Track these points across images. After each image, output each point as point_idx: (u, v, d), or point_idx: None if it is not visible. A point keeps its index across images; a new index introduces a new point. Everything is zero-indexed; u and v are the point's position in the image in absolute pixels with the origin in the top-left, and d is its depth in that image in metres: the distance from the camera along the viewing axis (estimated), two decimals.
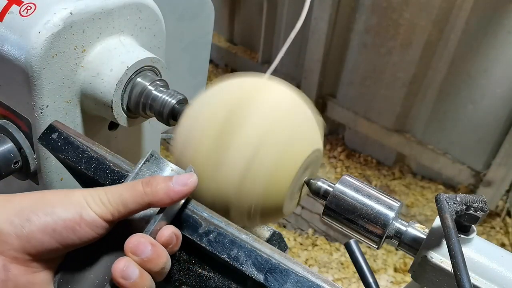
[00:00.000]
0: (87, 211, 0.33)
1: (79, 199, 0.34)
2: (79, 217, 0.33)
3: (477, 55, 1.67)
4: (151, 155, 0.39)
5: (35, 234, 0.32)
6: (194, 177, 0.36)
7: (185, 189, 0.35)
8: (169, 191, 0.34)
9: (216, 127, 0.42)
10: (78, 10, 0.47)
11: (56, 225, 0.32)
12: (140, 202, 0.34)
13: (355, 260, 0.48)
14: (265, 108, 0.43)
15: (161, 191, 0.34)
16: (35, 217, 0.32)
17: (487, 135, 1.75)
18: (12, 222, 0.32)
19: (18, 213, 0.33)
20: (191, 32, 0.76)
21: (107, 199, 0.34)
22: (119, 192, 0.34)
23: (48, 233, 0.32)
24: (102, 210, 0.33)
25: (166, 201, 0.34)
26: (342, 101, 2.12)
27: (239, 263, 0.35)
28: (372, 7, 1.83)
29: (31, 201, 0.34)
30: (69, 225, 0.33)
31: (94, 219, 0.33)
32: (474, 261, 0.38)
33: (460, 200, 0.36)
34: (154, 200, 0.34)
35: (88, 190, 0.34)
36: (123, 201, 0.34)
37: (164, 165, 0.39)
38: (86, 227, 0.33)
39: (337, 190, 0.42)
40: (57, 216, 0.33)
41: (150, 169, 0.38)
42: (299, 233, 1.88)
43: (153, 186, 0.34)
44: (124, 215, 0.34)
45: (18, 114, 0.51)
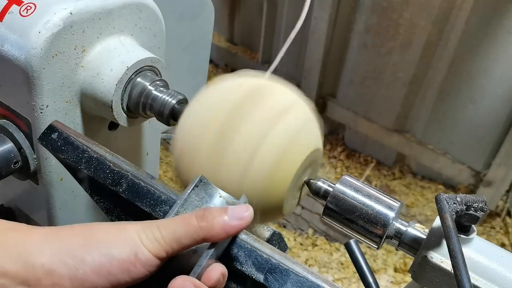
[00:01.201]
0: (142, 250, 0.31)
1: (133, 236, 0.32)
2: (134, 257, 0.31)
3: (477, 55, 1.67)
4: (200, 181, 0.37)
5: (89, 276, 0.31)
6: (251, 210, 0.34)
7: (242, 223, 0.33)
8: (226, 226, 0.33)
9: (216, 127, 0.42)
10: (78, 10, 0.47)
11: (111, 266, 0.31)
12: (195, 237, 0.32)
13: (355, 260, 0.48)
14: (265, 107, 0.43)
15: (217, 226, 0.32)
16: (90, 258, 0.31)
17: (487, 135, 1.75)
18: (66, 263, 0.30)
19: (71, 253, 0.31)
20: (191, 32, 0.76)
21: (161, 236, 0.32)
22: (172, 227, 0.32)
23: (102, 275, 0.31)
24: (156, 248, 0.32)
25: (222, 236, 0.33)
26: (342, 101, 2.12)
27: (239, 263, 0.35)
28: (372, 7, 1.83)
29: (82, 238, 0.32)
30: (125, 266, 0.31)
31: (149, 258, 0.31)
32: (474, 261, 0.38)
33: (460, 200, 0.36)
34: (209, 235, 0.32)
35: (141, 225, 0.33)
36: (177, 237, 0.32)
37: (213, 191, 0.37)
38: (140, 266, 0.31)
39: (337, 190, 0.42)
40: (112, 257, 0.31)
41: (199, 196, 0.37)
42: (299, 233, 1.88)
43: (208, 220, 0.32)
44: (177, 251, 0.33)
45: (18, 114, 0.51)
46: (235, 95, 0.43)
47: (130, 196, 0.40)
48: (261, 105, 0.43)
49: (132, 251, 0.31)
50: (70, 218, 0.59)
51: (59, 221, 0.57)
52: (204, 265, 0.32)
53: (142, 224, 0.33)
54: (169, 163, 1.96)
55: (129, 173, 0.40)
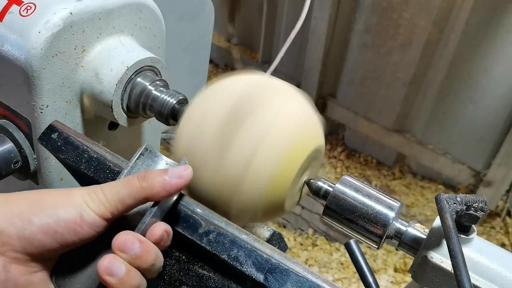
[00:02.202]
0: (87, 212, 0.33)
1: (79, 199, 0.34)
2: (79, 218, 0.33)
3: (477, 55, 1.67)
4: (146, 149, 0.39)
5: (37, 235, 0.32)
6: (189, 169, 0.36)
7: (181, 181, 0.35)
8: (166, 184, 0.34)
9: (216, 126, 0.42)
10: (78, 10, 0.47)
11: (58, 226, 0.32)
12: (137, 197, 0.34)
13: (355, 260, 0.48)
14: (265, 107, 0.43)
15: (157, 185, 0.34)
16: (37, 219, 0.32)
17: (487, 135, 1.75)
18: (14, 223, 0.32)
19: (18, 214, 0.33)
20: (191, 32, 0.76)
21: (105, 198, 0.34)
22: (116, 189, 0.34)
23: (49, 234, 0.32)
24: (101, 210, 0.33)
25: (162, 194, 0.34)
26: (342, 101, 2.12)
27: (239, 263, 0.35)
28: (372, 7, 1.83)
29: (30, 201, 0.34)
30: (71, 226, 0.33)
31: (94, 219, 0.33)
32: (474, 261, 0.38)
33: (460, 200, 0.36)
34: (150, 194, 0.34)
35: (86, 189, 0.34)
36: (121, 198, 0.34)
37: (158, 158, 0.39)
38: (87, 227, 0.33)
39: (337, 190, 0.42)
40: (58, 218, 0.33)
41: (145, 163, 0.38)
42: (299, 233, 1.88)
43: (149, 180, 0.34)
44: (122, 212, 0.34)
45: (18, 114, 0.51)
46: (236, 95, 0.43)
47: None
48: (262, 105, 0.43)
49: (78, 212, 0.33)
50: None
51: None
52: (147, 223, 0.34)
53: (88, 188, 0.35)
54: None
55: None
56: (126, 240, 0.32)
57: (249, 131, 0.41)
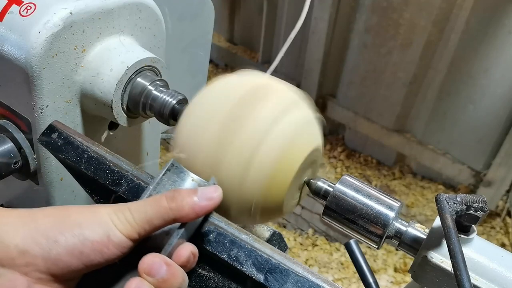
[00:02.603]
0: (114, 232, 0.32)
1: (105, 218, 0.32)
2: (106, 238, 0.32)
3: (477, 55, 1.67)
4: (172, 165, 0.38)
5: (62, 257, 0.31)
6: (220, 191, 0.35)
7: (211, 203, 0.34)
8: (195, 206, 0.33)
9: (216, 127, 0.42)
10: (78, 10, 0.47)
11: (84, 247, 0.31)
12: (165, 218, 0.33)
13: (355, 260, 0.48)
14: (264, 107, 0.43)
15: (187, 206, 0.33)
16: (63, 239, 0.31)
17: (487, 135, 1.75)
18: (39, 243, 0.31)
19: (44, 234, 0.31)
20: (191, 32, 0.76)
21: (132, 218, 0.33)
22: (143, 209, 0.33)
23: (75, 255, 0.31)
24: (128, 230, 0.32)
25: (191, 216, 0.33)
26: (342, 101, 2.12)
27: (239, 263, 0.35)
28: (372, 7, 1.83)
29: (55, 220, 0.32)
30: (97, 247, 0.32)
31: (121, 240, 0.32)
32: (474, 261, 0.38)
33: (460, 200, 0.36)
34: (179, 216, 0.33)
35: (113, 208, 0.33)
36: (149, 218, 0.33)
37: (184, 174, 0.38)
38: (113, 248, 0.32)
39: (337, 190, 0.42)
40: (85, 238, 0.31)
41: (171, 179, 0.37)
42: (299, 233, 1.88)
43: (178, 201, 0.33)
44: (149, 232, 0.33)
45: (18, 114, 0.51)
46: (235, 95, 0.43)
47: (130, 196, 0.40)
48: (261, 105, 0.42)
49: (105, 232, 0.32)
50: None
51: None
52: (174, 244, 0.33)
53: (114, 206, 0.33)
54: None
55: (129, 173, 0.41)
56: (153, 263, 0.31)
57: (248, 132, 0.41)
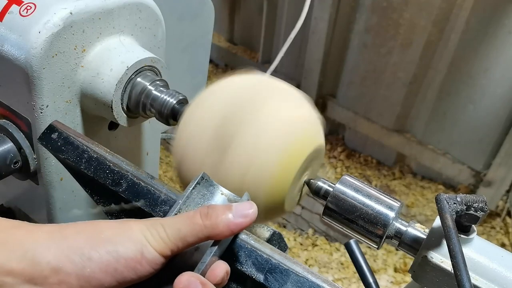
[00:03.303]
0: (148, 249, 0.31)
1: (138, 235, 0.32)
2: (140, 255, 0.31)
3: (477, 55, 1.67)
4: (202, 178, 0.37)
5: (96, 274, 0.31)
6: (255, 207, 0.34)
7: (246, 220, 0.33)
8: (230, 224, 0.33)
9: (216, 127, 0.42)
10: (78, 10, 0.47)
11: (118, 264, 0.31)
12: (200, 236, 0.32)
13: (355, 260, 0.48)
14: (265, 107, 0.43)
15: (222, 224, 0.32)
16: (96, 256, 0.31)
17: (487, 135, 1.75)
18: (73, 260, 0.30)
19: (77, 251, 0.31)
20: (191, 32, 0.76)
21: (165, 235, 0.32)
22: (177, 226, 0.32)
23: (109, 273, 0.31)
24: (161, 247, 0.32)
25: (226, 234, 0.33)
26: (342, 101, 2.12)
27: (239, 263, 0.35)
28: (372, 7, 1.83)
29: (88, 236, 0.32)
30: (131, 264, 0.31)
31: (154, 257, 0.32)
32: (474, 261, 0.38)
33: (460, 200, 0.36)
34: (213, 233, 0.32)
35: (145, 224, 0.33)
36: (182, 236, 0.32)
37: (214, 188, 0.37)
38: (146, 264, 0.31)
39: (337, 190, 0.42)
40: (119, 255, 0.31)
41: (200, 193, 0.37)
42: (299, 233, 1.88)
43: (212, 219, 0.32)
44: (182, 249, 0.33)
45: (18, 114, 0.51)
46: (236, 95, 0.43)
47: (130, 196, 0.40)
48: (262, 105, 0.43)
49: (138, 249, 0.31)
50: (70, 218, 0.59)
51: (59, 221, 0.57)
52: (208, 262, 0.32)
53: (147, 222, 0.33)
54: (169, 163, 1.96)
55: (129, 173, 0.40)
56: (189, 282, 0.30)
57: (249, 132, 0.41)
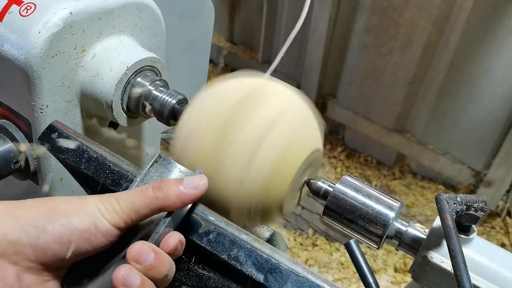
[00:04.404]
0: (102, 221, 0.33)
1: (92, 208, 0.33)
2: (94, 227, 0.32)
3: (477, 55, 1.67)
4: (159, 156, 0.38)
5: (51, 245, 0.32)
6: (205, 179, 0.36)
7: (197, 192, 0.35)
8: (181, 195, 0.34)
9: (216, 127, 0.42)
10: (78, 10, 0.47)
11: (72, 235, 0.32)
12: (152, 207, 0.34)
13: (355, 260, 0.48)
14: (265, 108, 0.43)
15: (173, 195, 0.34)
16: (51, 227, 0.32)
17: (487, 135, 1.74)
18: (27, 232, 0.32)
19: (32, 223, 0.32)
20: (191, 32, 0.76)
21: (119, 207, 0.33)
22: (130, 199, 0.34)
23: (63, 244, 0.32)
24: (115, 219, 0.33)
25: (177, 205, 0.34)
26: (342, 101, 2.12)
27: (239, 263, 0.35)
28: (372, 7, 1.83)
29: (44, 210, 0.33)
30: (85, 236, 0.32)
31: (108, 229, 0.33)
32: (474, 261, 0.38)
33: (460, 200, 0.36)
34: (165, 205, 0.34)
35: (100, 198, 0.34)
36: (135, 208, 0.33)
37: (172, 166, 0.39)
38: (100, 236, 0.33)
39: (337, 190, 0.42)
40: (73, 227, 0.32)
41: (158, 171, 0.38)
42: (299, 233, 1.88)
43: (164, 191, 0.34)
44: (136, 221, 0.34)
45: (18, 114, 0.51)
46: (235, 96, 0.43)
47: None
48: (261, 105, 0.43)
49: (92, 221, 0.32)
50: None
51: None
52: (161, 232, 0.34)
53: (102, 196, 0.34)
54: None
55: (129, 173, 0.40)
56: (141, 251, 0.32)
57: (248, 132, 0.41)
